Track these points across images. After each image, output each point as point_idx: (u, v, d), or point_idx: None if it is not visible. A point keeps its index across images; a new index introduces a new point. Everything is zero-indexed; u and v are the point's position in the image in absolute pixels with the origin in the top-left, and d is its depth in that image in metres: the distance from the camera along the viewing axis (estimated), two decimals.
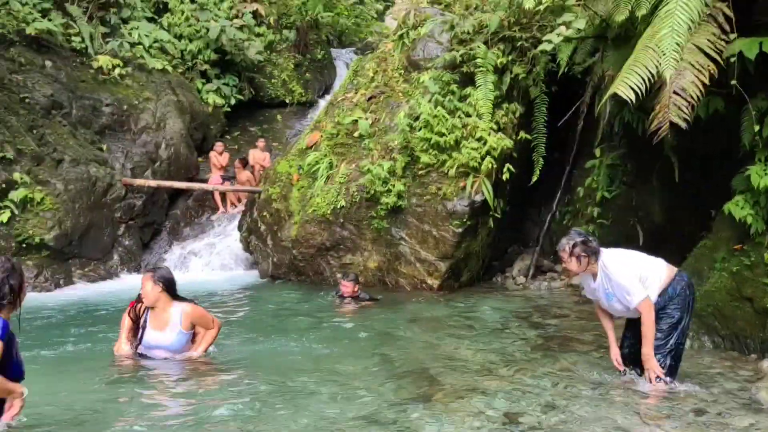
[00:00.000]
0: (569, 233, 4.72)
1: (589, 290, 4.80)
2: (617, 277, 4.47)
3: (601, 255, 4.58)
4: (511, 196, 9.76)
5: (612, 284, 4.51)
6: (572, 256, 4.55)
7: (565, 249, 4.59)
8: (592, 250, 4.55)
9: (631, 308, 4.48)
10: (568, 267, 4.66)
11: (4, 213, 9.77)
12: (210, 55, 15.23)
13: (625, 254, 4.70)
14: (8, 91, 10.79)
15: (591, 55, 8.41)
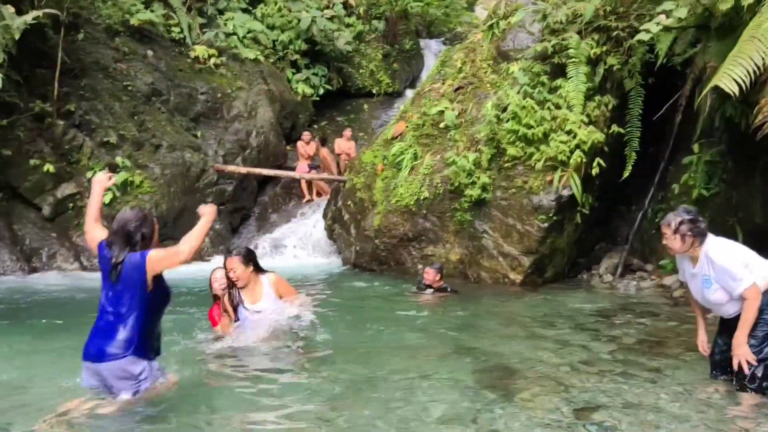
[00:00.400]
0: (677, 209, 4.44)
1: (685, 275, 4.55)
2: (722, 261, 4.19)
3: (707, 239, 4.31)
4: (600, 192, 9.45)
5: (715, 269, 4.23)
6: (677, 233, 4.29)
7: (670, 225, 4.32)
8: (699, 231, 4.28)
9: (734, 295, 4.20)
10: (669, 245, 4.36)
11: (106, 195, 10.37)
12: (301, 45, 15.55)
13: (732, 243, 4.41)
14: (113, 79, 11.43)
15: (692, 46, 7.99)
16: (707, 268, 4.30)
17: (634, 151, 8.93)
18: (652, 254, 9.43)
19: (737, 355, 4.23)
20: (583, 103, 8.90)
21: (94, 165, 10.38)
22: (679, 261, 4.60)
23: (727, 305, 4.31)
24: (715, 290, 4.29)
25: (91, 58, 11.33)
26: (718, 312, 4.45)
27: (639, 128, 8.91)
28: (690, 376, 4.85)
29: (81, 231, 10.32)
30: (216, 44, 13.68)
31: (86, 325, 3.93)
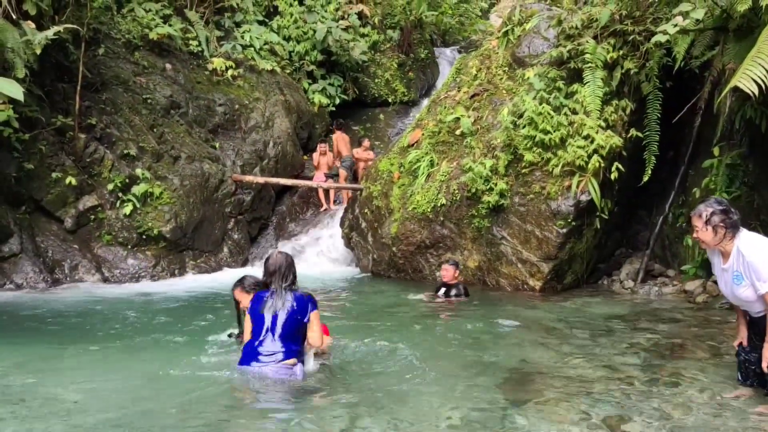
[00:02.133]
0: (708, 199, 4.27)
1: (716, 270, 4.40)
2: (751, 256, 4.04)
3: (740, 233, 4.15)
4: (619, 197, 9.38)
5: (744, 264, 4.08)
6: (708, 224, 4.12)
7: (701, 215, 4.14)
8: (732, 223, 4.11)
9: (759, 294, 4.07)
10: (700, 237, 4.18)
11: (127, 206, 10.50)
12: (316, 56, 15.65)
13: (766, 240, 4.22)
14: (132, 92, 11.58)
15: (710, 48, 7.93)
16: (737, 263, 4.16)
17: (653, 155, 8.85)
18: (674, 259, 9.33)
19: (766, 357, 4.13)
20: (600, 107, 8.85)
21: (115, 177, 10.51)
22: (710, 255, 4.46)
23: (756, 303, 4.19)
24: (746, 287, 4.15)
25: (112, 73, 11.49)
26: (747, 309, 4.35)
27: (658, 132, 8.84)
28: (715, 381, 4.77)
29: (103, 242, 10.45)
30: (233, 56, 13.82)
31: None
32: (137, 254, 10.62)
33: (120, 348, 6.22)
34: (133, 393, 4.59)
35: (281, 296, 4.59)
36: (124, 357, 5.88)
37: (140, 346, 6.31)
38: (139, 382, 4.91)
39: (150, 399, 4.41)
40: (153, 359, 5.70)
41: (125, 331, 6.91)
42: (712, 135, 8.25)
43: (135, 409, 4.19)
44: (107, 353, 5.99)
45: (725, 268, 4.27)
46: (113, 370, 5.35)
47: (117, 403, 4.33)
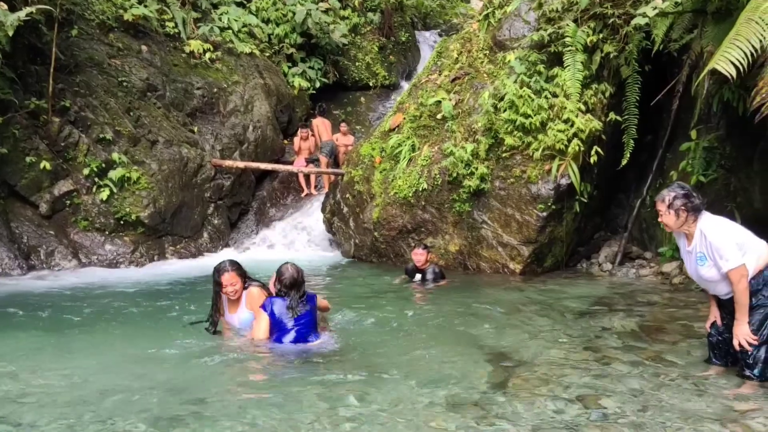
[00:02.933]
0: (672, 185, 4.43)
1: (682, 253, 4.53)
2: (713, 237, 4.18)
3: (702, 216, 4.29)
4: (598, 180, 9.43)
5: (707, 244, 4.22)
6: (671, 208, 4.27)
7: (664, 200, 4.30)
8: (693, 207, 4.26)
9: (722, 273, 4.19)
10: (664, 221, 4.35)
11: (104, 191, 10.34)
12: (296, 38, 15.48)
13: (727, 221, 4.39)
14: (107, 75, 11.37)
15: (688, 32, 7.95)
16: (701, 245, 4.28)
17: (631, 138, 8.90)
18: (651, 242, 9.42)
19: (737, 335, 4.22)
20: (580, 91, 8.87)
21: (91, 161, 10.33)
22: (677, 238, 4.58)
23: (721, 284, 4.30)
24: (709, 267, 4.27)
25: (86, 54, 11.26)
26: (713, 291, 4.44)
27: (636, 116, 8.88)
28: (690, 361, 4.85)
29: (79, 228, 10.30)
30: (211, 39, 13.62)
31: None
32: (115, 240, 10.49)
33: (99, 333, 6.16)
34: (114, 375, 4.56)
35: (299, 304, 5.21)
36: (103, 341, 5.82)
37: (119, 331, 6.26)
38: (120, 364, 4.87)
39: (127, 382, 4.37)
40: (133, 343, 5.66)
41: (103, 317, 6.83)
42: (690, 118, 8.30)
43: (111, 391, 4.15)
44: (84, 338, 5.93)
45: (689, 251, 4.39)
46: (92, 355, 5.30)
47: (95, 387, 4.29)
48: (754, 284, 4.19)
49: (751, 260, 4.19)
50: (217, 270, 5.38)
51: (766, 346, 4.22)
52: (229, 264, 5.41)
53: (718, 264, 4.19)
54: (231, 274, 5.33)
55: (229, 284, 5.31)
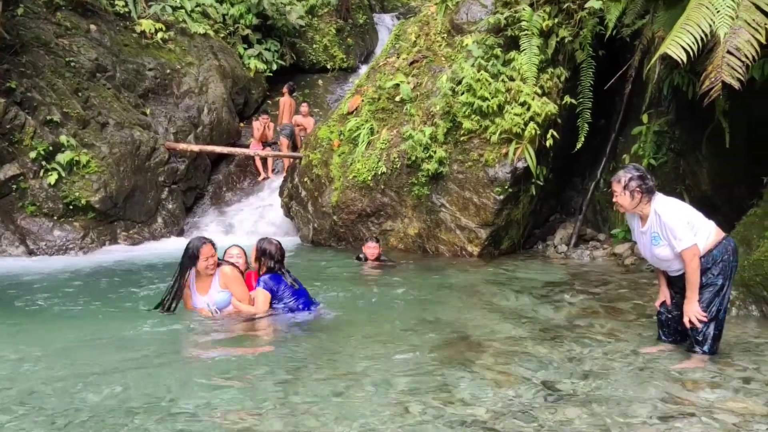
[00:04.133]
0: (627, 167, 4.52)
1: (635, 234, 4.63)
2: (667, 217, 4.29)
3: (655, 197, 4.39)
4: (554, 164, 9.57)
5: (661, 224, 4.32)
6: (626, 189, 4.35)
7: (620, 181, 4.38)
8: (647, 188, 4.35)
9: (676, 252, 4.30)
10: (619, 201, 4.42)
11: (51, 175, 10.02)
12: (251, 19, 15.21)
13: (679, 202, 4.51)
14: (54, 54, 10.98)
15: (641, 17, 8.09)
16: (655, 225, 4.38)
17: (586, 122, 9.05)
18: (604, 224, 9.63)
19: (688, 313, 4.35)
20: (536, 75, 8.97)
21: (38, 144, 9.99)
22: (629, 220, 4.68)
23: (674, 262, 4.40)
24: (663, 246, 4.37)
25: (32, 34, 10.84)
26: (666, 269, 4.55)
27: (590, 99, 9.03)
28: (642, 340, 4.97)
29: (26, 213, 9.98)
30: (163, 18, 13.27)
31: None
32: (64, 225, 10.19)
33: (49, 320, 6.00)
34: (68, 360, 4.44)
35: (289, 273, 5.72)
36: (53, 329, 5.66)
37: (70, 317, 6.10)
38: (65, 351, 4.75)
39: (78, 367, 4.27)
40: (85, 329, 5.52)
41: (53, 305, 6.64)
42: (642, 103, 8.48)
43: (64, 375, 4.05)
44: (32, 326, 5.76)
45: (643, 231, 4.48)
46: (41, 343, 5.14)
47: (43, 375, 4.17)
48: (703, 263, 4.31)
49: (701, 240, 4.32)
50: (195, 244, 5.34)
51: (715, 322, 4.36)
52: (205, 238, 5.47)
53: (672, 244, 4.29)
54: (209, 246, 5.32)
55: (209, 256, 5.28)
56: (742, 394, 3.80)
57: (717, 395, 3.78)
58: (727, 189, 7.64)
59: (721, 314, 4.38)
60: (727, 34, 4.91)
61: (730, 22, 4.87)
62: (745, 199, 6.76)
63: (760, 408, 3.56)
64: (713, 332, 4.38)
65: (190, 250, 5.34)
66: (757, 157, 6.81)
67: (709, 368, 4.25)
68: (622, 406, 3.60)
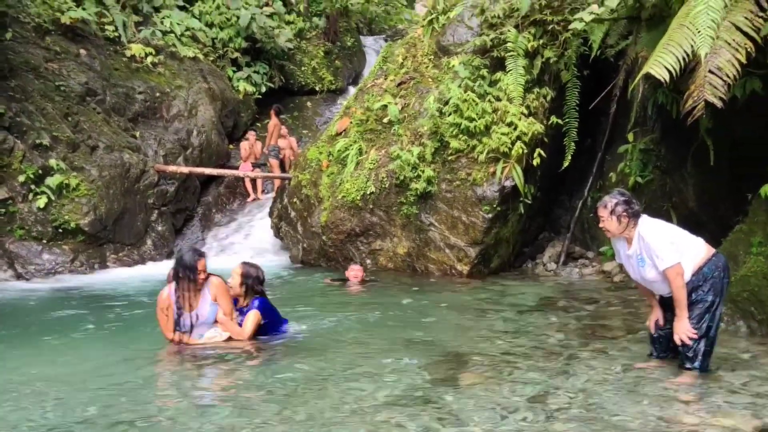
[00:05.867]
0: (612, 192, 4.58)
1: (621, 257, 4.67)
2: (650, 238, 4.34)
3: (640, 220, 4.44)
4: (542, 182, 9.66)
5: (645, 246, 4.37)
6: (613, 214, 4.40)
7: (606, 206, 4.44)
8: (633, 212, 4.41)
9: (659, 271, 4.34)
10: (606, 227, 4.48)
11: (41, 198, 9.98)
12: (241, 43, 15.31)
13: (664, 222, 4.57)
14: (44, 79, 11.00)
15: (624, 38, 8.23)
16: (640, 247, 4.42)
17: (572, 141, 9.16)
18: (593, 241, 9.70)
19: (678, 331, 4.38)
20: (522, 95, 9.07)
21: (27, 168, 9.97)
22: (615, 244, 4.72)
23: (663, 284, 4.43)
24: (650, 268, 4.41)
25: (21, 58, 10.86)
26: (658, 291, 4.59)
27: (576, 119, 9.15)
28: (632, 357, 5.01)
29: (15, 237, 9.92)
30: (153, 42, 13.34)
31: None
32: (53, 249, 10.13)
33: (41, 343, 5.95)
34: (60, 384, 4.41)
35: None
36: (45, 352, 5.63)
37: (63, 341, 6.06)
38: (62, 375, 4.72)
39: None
40: (74, 353, 5.49)
41: (45, 328, 6.60)
42: (627, 122, 8.61)
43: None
44: (25, 350, 5.71)
45: (630, 254, 4.53)
46: (32, 365, 5.11)
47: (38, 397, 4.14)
48: (694, 280, 4.36)
49: (689, 259, 4.36)
50: (191, 257, 5.21)
51: (705, 339, 4.40)
52: (199, 250, 5.47)
53: (655, 263, 4.34)
54: (204, 260, 5.24)
55: (203, 270, 5.19)
56: (732, 409, 3.84)
57: (706, 411, 3.82)
58: (713, 206, 7.74)
59: (712, 331, 4.41)
60: (708, 54, 5.01)
61: (711, 42, 4.97)
62: (731, 216, 6.84)
63: (747, 423, 3.60)
64: (704, 348, 4.41)
65: (187, 263, 5.16)
66: (742, 174, 6.91)
67: (699, 384, 4.28)
68: (612, 423, 3.62)
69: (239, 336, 5.35)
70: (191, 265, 5.15)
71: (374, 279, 9.00)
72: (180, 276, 5.19)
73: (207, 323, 5.33)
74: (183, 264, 5.19)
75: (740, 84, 5.71)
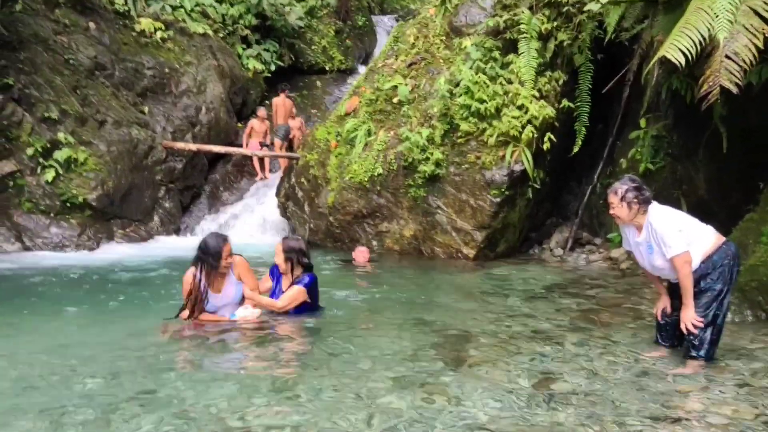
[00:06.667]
0: (622, 178, 4.51)
1: (630, 243, 4.62)
2: (658, 225, 4.30)
3: (650, 207, 4.39)
4: (551, 167, 9.58)
5: (653, 233, 4.33)
6: (623, 201, 4.35)
7: (617, 192, 4.39)
8: (644, 199, 4.36)
9: (667, 259, 4.29)
10: (617, 213, 4.43)
11: (49, 172, 9.99)
12: (251, 20, 15.19)
13: (673, 210, 4.50)
14: (53, 52, 10.95)
15: (639, 21, 8.11)
16: (649, 235, 4.38)
17: (583, 126, 9.06)
18: (600, 228, 9.63)
19: (684, 319, 4.34)
20: (534, 78, 8.97)
21: (35, 141, 9.96)
22: (624, 230, 4.67)
23: (671, 272, 4.39)
24: (658, 255, 4.37)
25: (30, 31, 10.81)
26: (666, 277, 4.55)
27: (588, 103, 9.05)
28: (638, 343, 4.97)
29: (23, 210, 9.95)
30: (162, 17, 13.25)
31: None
32: (61, 223, 10.15)
33: (47, 317, 5.98)
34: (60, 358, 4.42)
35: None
36: (52, 326, 5.65)
37: (70, 317, 6.08)
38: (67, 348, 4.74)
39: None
40: (88, 329, 5.51)
41: (52, 303, 6.62)
42: (640, 107, 8.49)
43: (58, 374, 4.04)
44: (32, 323, 5.74)
45: (639, 242, 4.48)
46: (38, 339, 5.14)
47: (41, 371, 4.16)
48: (703, 268, 4.31)
49: (698, 247, 4.31)
50: (216, 242, 5.10)
51: (712, 327, 4.35)
52: (222, 234, 5.25)
53: (663, 250, 4.29)
54: (229, 244, 5.14)
55: (229, 254, 5.10)
56: (734, 398, 3.80)
57: (710, 400, 3.78)
58: (724, 194, 7.65)
59: (719, 320, 4.37)
60: (726, 39, 4.92)
61: (728, 26, 4.88)
62: (741, 205, 6.77)
63: (750, 412, 3.56)
64: (710, 337, 4.37)
65: (211, 249, 5.07)
66: (754, 163, 6.83)
67: (704, 373, 4.25)
68: (616, 409, 3.59)
69: (272, 307, 5.40)
70: (216, 251, 5.06)
71: (377, 261, 8.97)
72: (204, 261, 5.10)
73: (233, 303, 5.32)
74: (208, 250, 5.08)
75: (756, 70, 5.61)
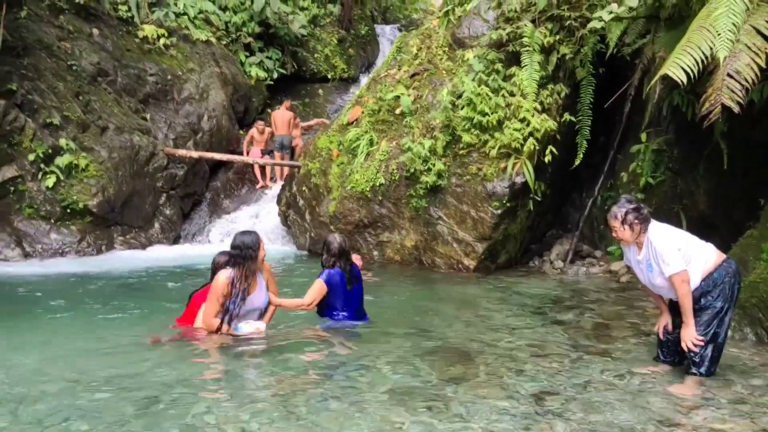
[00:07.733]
0: (619, 201, 4.51)
1: (631, 261, 4.62)
2: (657, 243, 4.31)
3: (650, 226, 4.39)
4: (552, 179, 9.59)
5: (653, 251, 4.33)
6: (625, 224, 4.36)
7: (617, 217, 4.39)
8: (644, 218, 4.37)
9: (665, 277, 4.29)
10: (620, 236, 4.43)
11: (50, 178, 10.01)
12: (254, 27, 15.26)
13: (673, 228, 4.52)
14: (56, 58, 10.99)
15: (642, 37, 8.14)
16: (649, 253, 4.39)
17: (585, 139, 9.08)
18: (601, 241, 9.65)
19: (684, 338, 4.34)
20: (536, 91, 9.00)
21: (37, 147, 9.98)
22: (625, 249, 4.67)
23: (670, 290, 4.40)
24: (658, 274, 4.38)
25: (34, 37, 10.86)
26: (666, 296, 4.56)
27: (590, 117, 9.08)
28: (637, 359, 4.97)
29: (23, 216, 9.95)
30: (166, 24, 13.31)
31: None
32: (61, 229, 10.16)
33: (47, 325, 5.97)
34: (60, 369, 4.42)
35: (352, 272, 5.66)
36: (52, 334, 5.65)
37: (69, 324, 6.08)
38: (66, 358, 4.73)
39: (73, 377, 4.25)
40: (84, 337, 5.51)
41: (53, 309, 6.62)
42: (641, 121, 8.52)
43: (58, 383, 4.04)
44: (33, 331, 5.74)
45: (640, 260, 4.49)
46: (38, 348, 5.13)
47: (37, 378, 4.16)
48: (704, 285, 4.32)
49: (698, 265, 4.32)
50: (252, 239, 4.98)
51: (713, 345, 4.36)
52: (254, 232, 5.13)
53: (661, 268, 4.30)
54: (262, 242, 5.09)
55: (263, 255, 5.04)
56: (733, 415, 3.80)
57: (709, 417, 3.78)
58: (725, 210, 7.66)
59: (719, 338, 4.37)
60: (728, 57, 4.94)
61: (730, 45, 4.90)
62: (743, 221, 6.78)
63: (749, 429, 3.57)
64: (711, 354, 4.37)
65: (250, 243, 4.94)
66: (756, 180, 6.84)
67: (704, 390, 4.25)
68: (615, 425, 3.59)
69: (300, 306, 5.54)
70: (254, 245, 4.96)
71: (371, 269, 8.87)
72: (244, 259, 4.94)
73: (260, 308, 5.20)
74: (246, 245, 4.95)
75: (758, 89, 5.63)
